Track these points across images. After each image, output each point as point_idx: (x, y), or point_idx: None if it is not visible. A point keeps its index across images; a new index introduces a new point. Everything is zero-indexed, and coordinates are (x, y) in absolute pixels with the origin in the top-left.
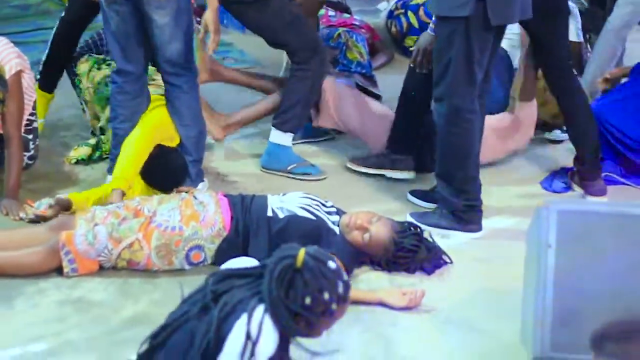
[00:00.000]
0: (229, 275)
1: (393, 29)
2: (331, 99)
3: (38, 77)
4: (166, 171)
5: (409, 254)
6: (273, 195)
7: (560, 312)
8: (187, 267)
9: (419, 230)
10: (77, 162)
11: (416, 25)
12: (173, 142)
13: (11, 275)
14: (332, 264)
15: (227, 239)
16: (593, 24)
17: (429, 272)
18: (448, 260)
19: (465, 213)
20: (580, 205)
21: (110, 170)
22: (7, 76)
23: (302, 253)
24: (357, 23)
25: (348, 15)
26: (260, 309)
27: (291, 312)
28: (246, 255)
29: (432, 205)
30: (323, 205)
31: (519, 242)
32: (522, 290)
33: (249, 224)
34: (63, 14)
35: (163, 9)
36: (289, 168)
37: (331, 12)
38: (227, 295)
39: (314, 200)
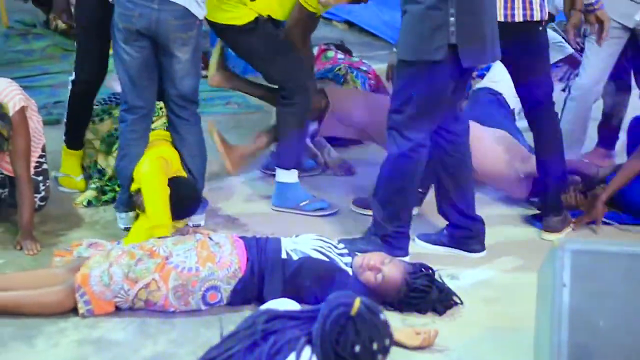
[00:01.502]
0: (279, 316)
1: None
2: (336, 103)
3: (64, 137)
4: (181, 202)
5: (421, 294)
6: (286, 238)
7: (575, 350)
8: (203, 307)
9: (430, 271)
10: (89, 203)
11: None
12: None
13: (30, 314)
14: (382, 317)
15: (242, 280)
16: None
17: (441, 313)
18: (458, 301)
19: (395, 239)
20: (593, 245)
21: (119, 209)
22: (10, 113)
23: (357, 302)
24: (364, 68)
25: (357, 59)
26: (308, 349)
27: (339, 357)
28: (261, 295)
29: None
30: (335, 247)
31: (527, 281)
32: (535, 329)
33: (264, 266)
34: (74, 77)
35: (186, 45)
36: (300, 205)
37: (340, 55)
38: (277, 335)
39: (326, 242)
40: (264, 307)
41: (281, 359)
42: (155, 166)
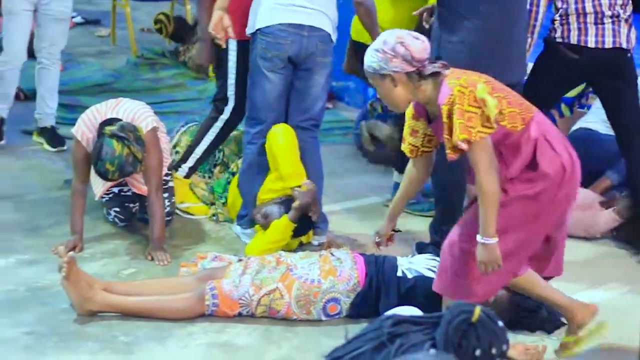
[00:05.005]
0: (404, 320)
1: None
2: None
3: (187, 170)
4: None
5: (531, 314)
6: (402, 257)
7: None
8: (323, 318)
9: None
10: (216, 217)
11: None
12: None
13: (162, 318)
14: (501, 324)
15: (361, 293)
16: None
17: (549, 332)
18: (565, 321)
19: None
20: None
21: (242, 225)
22: (143, 132)
23: (478, 310)
24: None
25: None
26: (432, 352)
27: None
28: (377, 309)
29: None
30: None
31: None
32: None
33: (381, 282)
34: (229, 115)
35: (325, 69)
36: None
37: None
38: (403, 338)
39: (438, 261)
40: (390, 312)
41: None
42: (289, 137)
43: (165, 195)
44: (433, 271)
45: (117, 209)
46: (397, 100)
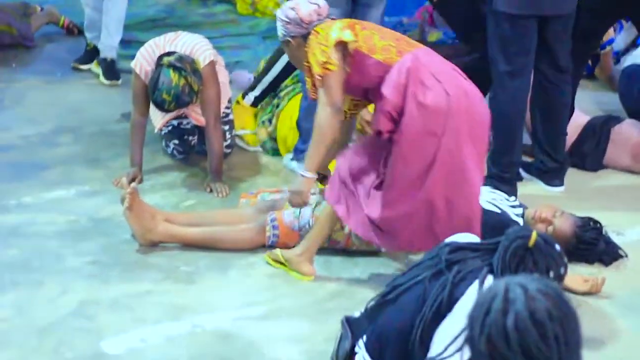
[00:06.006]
0: (462, 247)
1: None
2: None
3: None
4: None
5: (590, 246)
6: None
7: None
8: (382, 249)
9: (598, 225)
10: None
11: None
12: None
13: (223, 249)
14: (558, 247)
15: None
16: None
17: (607, 264)
18: (623, 254)
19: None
20: None
21: (298, 158)
22: (201, 66)
23: (535, 234)
24: None
25: None
26: (490, 278)
27: None
28: None
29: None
30: (507, 199)
31: None
32: None
33: None
34: None
35: (382, 2)
36: None
37: None
38: (460, 264)
39: (499, 195)
40: (448, 239)
41: (465, 286)
42: None
43: (225, 128)
44: (494, 204)
45: (176, 142)
46: (301, 63)
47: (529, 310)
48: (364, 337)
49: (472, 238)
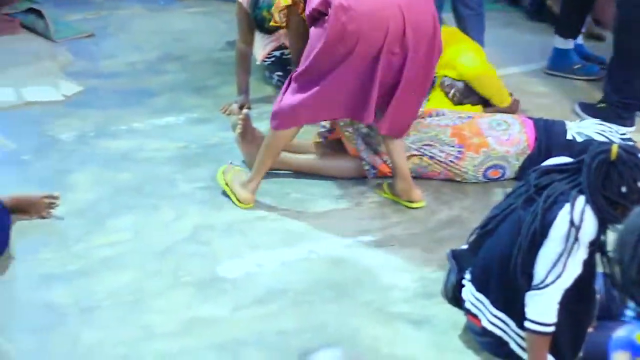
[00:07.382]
0: (548, 170)
1: None
2: None
3: None
4: None
5: None
6: (571, 122)
7: None
8: (482, 179)
9: None
10: None
11: None
12: None
13: (331, 175)
14: None
15: (530, 157)
16: None
17: None
18: None
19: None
20: None
21: None
22: None
23: (615, 147)
24: None
25: None
26: (581, 199)
27: (609, 201)
28: None
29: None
30: (616, 131)
31: None
32: None
33: (550, 146)
34: None
35: None
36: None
37: None
38: (550, 188)
39: (608, 127)
40: (543, 164)
41: (557, 210)
42: (481, 59)
43: None
44: (603, 135)
45: (280, 73)
46: None
47: None
48: (469, 271)
49: (563, 160)
